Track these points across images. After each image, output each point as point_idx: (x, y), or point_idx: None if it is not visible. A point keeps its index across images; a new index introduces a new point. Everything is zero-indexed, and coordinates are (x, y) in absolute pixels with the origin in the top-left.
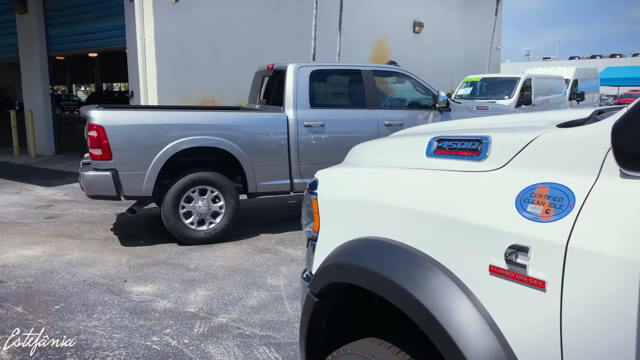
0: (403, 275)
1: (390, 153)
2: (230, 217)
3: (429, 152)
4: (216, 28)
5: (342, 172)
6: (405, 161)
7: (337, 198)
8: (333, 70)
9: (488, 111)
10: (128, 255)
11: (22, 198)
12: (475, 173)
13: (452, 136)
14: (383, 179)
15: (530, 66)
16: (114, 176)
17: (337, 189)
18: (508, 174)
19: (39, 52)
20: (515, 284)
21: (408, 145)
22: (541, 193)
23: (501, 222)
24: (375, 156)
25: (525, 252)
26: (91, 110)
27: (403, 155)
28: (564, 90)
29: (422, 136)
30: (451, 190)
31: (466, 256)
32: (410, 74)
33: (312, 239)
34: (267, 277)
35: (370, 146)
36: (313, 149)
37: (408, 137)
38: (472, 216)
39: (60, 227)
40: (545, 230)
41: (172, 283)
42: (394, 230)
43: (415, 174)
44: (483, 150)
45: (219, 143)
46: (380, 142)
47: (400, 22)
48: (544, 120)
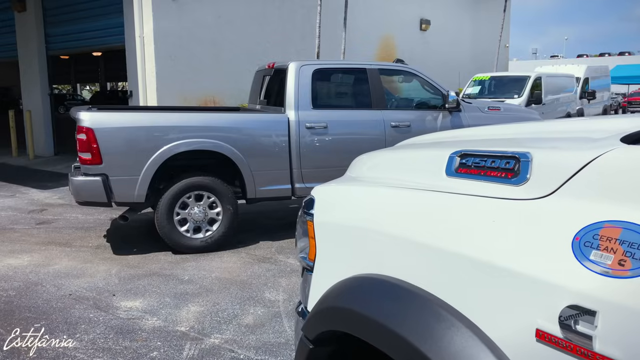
0: (418, 331)
1: (400, 169)
2: (228, 224)
3: (450, 170)
4: (217, 26)
5: (342, 191)
6: (419, 180)
7: (337, 222)
8: (337, 68)
9: (500, 112)
10: (119, 265)
11: (16, 202)
12: (512, 202)
13: (479, 151)
14: (392, 202)
15: (537, 64)
16: (104, 181)
17: (337, 212)
18: (559, 206)
19: (38, 51)
20: (575, 359)
21: (422, 159)
22: (610, 235)
23: (554, 273)
24: (382, 172)
25: (591, 316)
26: (80, 111)
27: (417, 173)
28: (575, 88)
29: (439, 148)
30: (481, 224)
31: (503, 313)
32: (419, 73)
33: (307, 268)
34: (265, 291)
35: (376, 158)
36: (315, 152)
37: (421, 149)
38: (511, 260)
39: (52, 233)
40: (621, 290)
41: (164, 297)
42: (406, 270)
43: (432, 199)
44: (522, 171)
45: (216, 146)
46: (388, 154)
47: (406, 20)
48: (595, 130)
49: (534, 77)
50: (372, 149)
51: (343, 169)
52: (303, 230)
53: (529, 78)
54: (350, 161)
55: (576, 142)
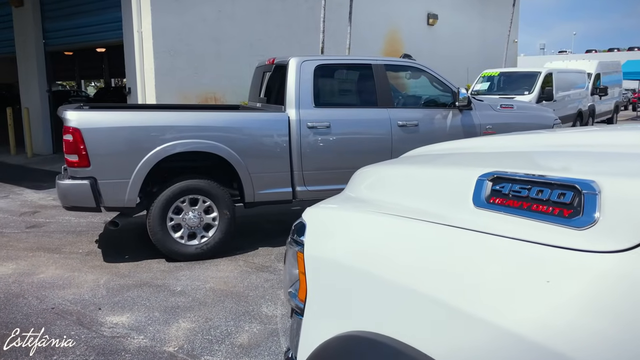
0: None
1: (409, 191)
2: (225, 230)
3: (479, 199)
4: (218, 20)
5: (338, 217)
6: (435, 209)
7: (332, 260)
8: (340, 64)
9: (513, 109)
10: (109, 274)
11: (8, 203)
12: (573, 254)
13: (519, 174)
14: (399, 239)
15: (546, 60)
16: (92, 185)
17: (332, 245)
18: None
19: (35, 46)
20: None
21: (440, 180)
22: None
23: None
24: (386, 193)
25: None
26: (67, 110)
27: (432, 199)
28: (587, 84)
29: (462, 166)
30: (528, 283)
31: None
32: (427, 69)
33: (297, 311)
34: (262, 305)
35: (379, 174)
36: (318, 153)
37: (437, 166)
38: (580, 346)
39: (41, 238)
40: None
41: (153, 312)
42: (420, 334)
43: (454, 239)
44: (586, 208)
45: (211, 147)
46: (394, 170)
47: (413, 14)
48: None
49: (545, 73)
50: (378, 150)
51: (347, 171)
52: (292, 261)
53: (539, 74)
54: (354, 163)
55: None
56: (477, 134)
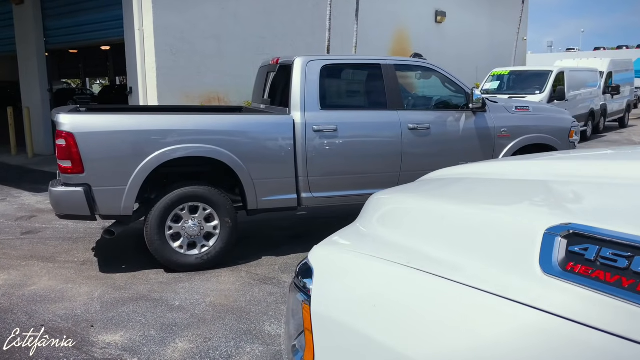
0: None
1: (438, 235)
2: (226, 239)
3: (550, 264)
4: (222, 18)
5: (349, 264)
6: (479, 271)
7: (343, 323)
8: (348, 64)
9: (529, 112)
10: (104, 286)
11: (5, 207)
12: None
13: (609, 233)
14: (436, 308)
15: (554, 57)
16: (86, 192)
17: (346, 304)
18: None
19: (36, 45)
20: None
21: (485, 226)
22: None
23: None
24: (406, 233)
25: None
26: (60, 114)
27: (472, 251)
28: (599, 83)
29: (514, 207)
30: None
31: None
32: (439, 69)
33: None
34: (265, 322)
35: (395, 203)
36: (324, 158)
37: (475, 204)
38: None
39: (36, 245)
40: None
41: (149, 330)
42: None
43: (516, 321)
44: None
45: (212, 152)
46: (415, 201)
47: (421, 12)
48: None
49: (557, 72)
50: (387, 154)
51: (354, 177)
52: (297, 310)
53: (551, 73)
54: (363, 168)
55: None
56: (491, 138)
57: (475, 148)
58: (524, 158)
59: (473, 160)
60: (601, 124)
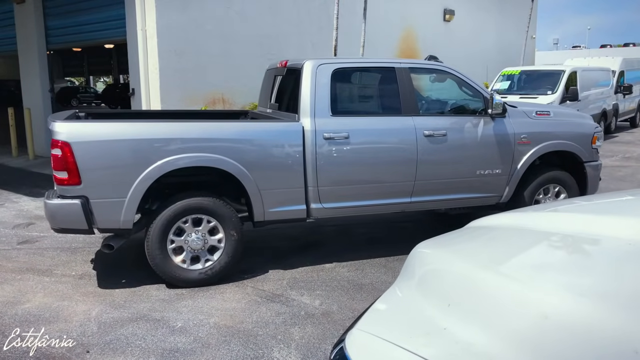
0: None
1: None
2: (232, 253)
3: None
4: (227, 17)
5: (390, 355)
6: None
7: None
8: (360, 67)
9: (550, 117)
10: (102, 303)
11: (3, 213)
12: None
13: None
14: None
15: (560, 55)
16: (83, 205)
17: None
18: None
19: (37, 44)
20: None
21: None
22: None
23: None
24: (460, 310)
25: None
26: (55, 122)
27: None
28: (611, 82)
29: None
30: None
31: None
32: (456, 72)
33: None
34: (273, 347)
35: (437, 265)
36: (335, 167)
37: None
38: None
39: (33, 256)
40: None
41: (149, 356)
42: None
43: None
44: None
45: (216, 161)
46: (456, 263)
47: (429, 10)
48: None
49: (569, 72)
50: (401, 162)
51: (367, 186)
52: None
53: (563, 72)
54: (375, 177)
55: None
56: (511, 145)
57: (493, 156)
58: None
59: (490, 167)
60: (613, 124)
